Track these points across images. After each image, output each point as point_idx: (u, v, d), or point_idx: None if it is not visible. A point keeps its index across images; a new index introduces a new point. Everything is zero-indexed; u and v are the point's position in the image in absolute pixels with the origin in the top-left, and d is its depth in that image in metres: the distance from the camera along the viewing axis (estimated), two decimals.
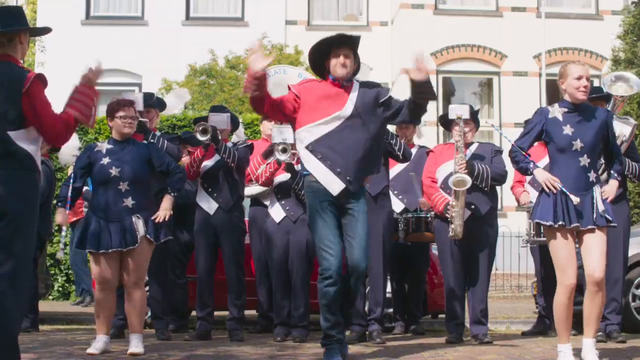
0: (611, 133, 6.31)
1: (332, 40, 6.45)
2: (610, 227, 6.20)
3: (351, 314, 6.69)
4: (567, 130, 6.15)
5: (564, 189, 6.05)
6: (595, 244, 6.11)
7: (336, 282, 6.17)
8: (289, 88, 6.53)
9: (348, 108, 6.32)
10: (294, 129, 6.48)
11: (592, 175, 6.16)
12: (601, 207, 6.11)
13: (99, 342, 6.87)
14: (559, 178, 6.14)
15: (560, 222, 6.06)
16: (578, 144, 6.12)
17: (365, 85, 6.53)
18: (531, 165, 6.32)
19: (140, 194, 7.00)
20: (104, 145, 7.13)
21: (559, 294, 6.14)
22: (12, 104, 5.00)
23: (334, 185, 6.25)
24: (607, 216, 6.14)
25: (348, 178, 6.24)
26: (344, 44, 6.47)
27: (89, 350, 6.78)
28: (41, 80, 5.11)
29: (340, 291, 6.23)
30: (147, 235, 6.93)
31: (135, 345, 6.85)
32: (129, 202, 6.92)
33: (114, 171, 6.92)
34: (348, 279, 6.35)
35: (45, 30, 5.73)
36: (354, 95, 6.39)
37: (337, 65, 6.40)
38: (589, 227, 6.09)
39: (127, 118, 7.12)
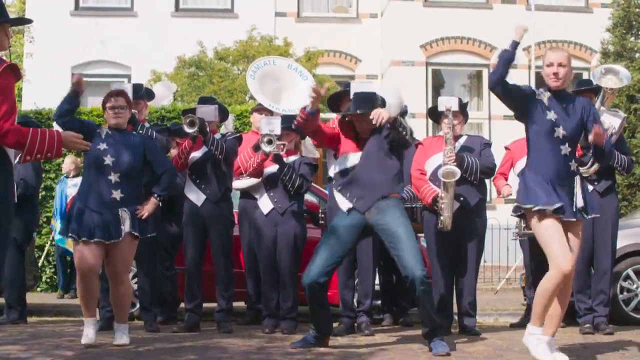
0: (591, 121, 6.00)
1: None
2: (590, 218, 6.10)
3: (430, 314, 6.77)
4: (551, 115, 5.96)
5: None
6: (570, 237, 5.89)
7: (307, 290, 6.65)
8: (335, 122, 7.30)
9: (365, 150, 6.80)
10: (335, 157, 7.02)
11: (573, 165, 5.99)
12: (580, 202, 5.93)
13: (90, 330, 6.75)
14: (540, 164, 5.96)
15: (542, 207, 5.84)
16: (560, 132, 5.93)
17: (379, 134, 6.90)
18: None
19: (130, 187, 6.85)
20: (104, 129, 6.99)
21: (552, 279, 5.78)
22: None
23: (343, 205, 6.80)
24: (584, 214, 5.95)
25: (354, 200, 6.71)
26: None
27: (84, 341, 6.70)
28: (12, 70, 5.03)
29: (314, 297, 6.68)
30: (132, 231, 6.82)
31: (120, 336, 6.82)
32: (118, 194, 6.78)
33: (107, 159, 6.78)
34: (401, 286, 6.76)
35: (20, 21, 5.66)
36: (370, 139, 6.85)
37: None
38: (570, 219, 5.87)
39: (115, 108, 6.98)
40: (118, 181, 6.80)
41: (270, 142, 7.77)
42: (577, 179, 6.00)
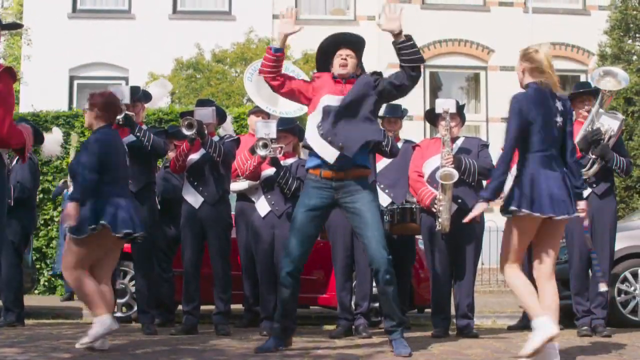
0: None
1: (337, 38, 6.98)
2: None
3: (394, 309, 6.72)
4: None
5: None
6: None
7: (282, 281, 6.57)
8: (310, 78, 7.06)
9: (346, 99, 6.62)
10: (307, 113, 6.87)
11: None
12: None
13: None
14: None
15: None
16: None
17: (365, 75, 6.90)
18: None
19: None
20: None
21: None
22: None
23: (328, 154, 6.48)
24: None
25: (340, 144, 6.45)
26: (348, 44, 6.92)
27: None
28: (9, 73, 5.05)
29: (288, 291, 6.54)
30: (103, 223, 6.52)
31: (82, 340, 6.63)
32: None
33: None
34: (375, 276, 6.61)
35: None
36: (351, 86, 6.72)
37: (338, 63, 6.82)
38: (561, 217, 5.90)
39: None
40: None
41: (265, 145, 7.75)
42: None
